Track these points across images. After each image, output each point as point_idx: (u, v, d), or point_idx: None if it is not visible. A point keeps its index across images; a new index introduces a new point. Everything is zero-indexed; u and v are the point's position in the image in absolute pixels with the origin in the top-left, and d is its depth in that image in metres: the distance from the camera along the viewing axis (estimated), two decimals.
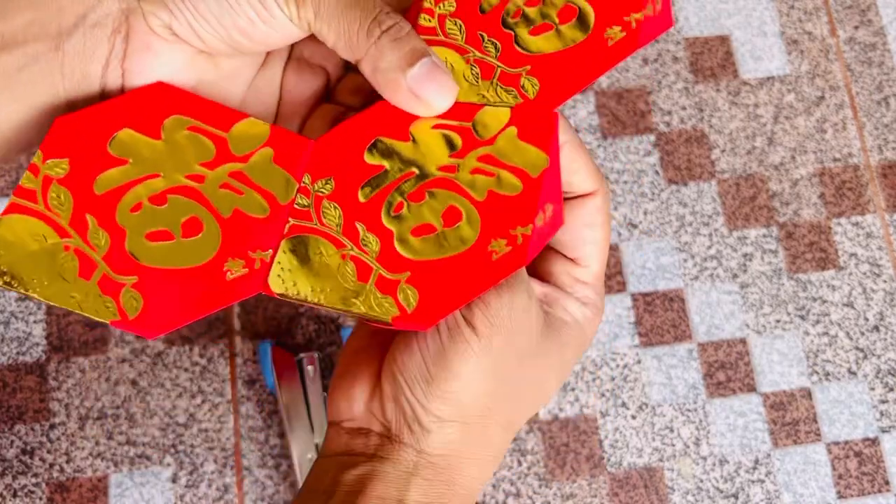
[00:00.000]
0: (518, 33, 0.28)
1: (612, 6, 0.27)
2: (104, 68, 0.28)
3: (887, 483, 0.62)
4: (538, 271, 0.31)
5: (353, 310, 0.25)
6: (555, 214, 0.27)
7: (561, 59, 0.27)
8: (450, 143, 0.27)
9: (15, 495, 0.58)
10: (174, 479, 0.59)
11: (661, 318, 0.64)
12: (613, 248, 0.65)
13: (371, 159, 0.27)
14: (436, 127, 0.27)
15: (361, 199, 0.27)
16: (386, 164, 0.27)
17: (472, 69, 0.28)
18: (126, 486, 0.59)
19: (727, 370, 0.63)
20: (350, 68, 0.33)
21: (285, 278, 0.26)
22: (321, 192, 0.27)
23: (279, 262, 0.26)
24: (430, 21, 0.28)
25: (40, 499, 0.58)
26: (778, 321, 0.64)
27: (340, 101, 0.32)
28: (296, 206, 0.27)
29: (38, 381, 0.60)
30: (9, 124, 0.28)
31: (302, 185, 0.27)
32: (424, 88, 0.27)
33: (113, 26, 0.28)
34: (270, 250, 0.26)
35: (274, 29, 0.27)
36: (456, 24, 0.28)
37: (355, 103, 0.31)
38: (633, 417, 0.62)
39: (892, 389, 0.64)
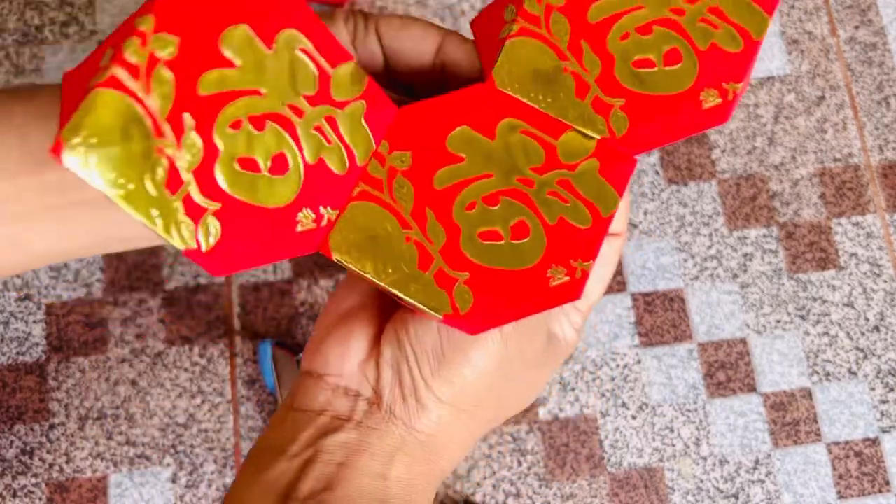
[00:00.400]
0: (620, 59, 0.27)
1: (715, 68, 0.27)
2: None
3: (887, 483, 0.62)
4: None
5: (408, 297, 0.25)
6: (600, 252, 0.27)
7: (654, 105, 0.27)
8: (534, 154, 0.27)
9: (15, 495, 0.58)
10: (174, 480, 0.59)
11: (661, 318, 0.64)
12: None
13: (452, 147, 0.26)
14: (523, 132, 0.27)
15: (436, 185, 0.26)
16: (466, 156, 0.26)
17: (567, 80, 0.27)
18: (126, 486, 0.59)
19: (727, 370, 0.63)
20: None
21: (347, 245, 0.25)
22: (396, 165, 0.26)
23: (344, 226, 0.25)
24: (536, 8, 0.27)
25: (40, 499, 0.58)
26: (778, 321, 0.64)
27: None
28: (369, 170, 0.26)
29: (38, 381, 0.60)
30: (51, 252, 0.27)
31: (378, 151, 0.26)
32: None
33: None
34: (337, 211, 0.25)
35: None
36: (561, 22, 0.27)
37: None
38: (634, 417, 0.62)
39: (892, 389, 0.64)
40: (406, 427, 0.27)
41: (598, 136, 0.26)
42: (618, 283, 0.64)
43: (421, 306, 0.25)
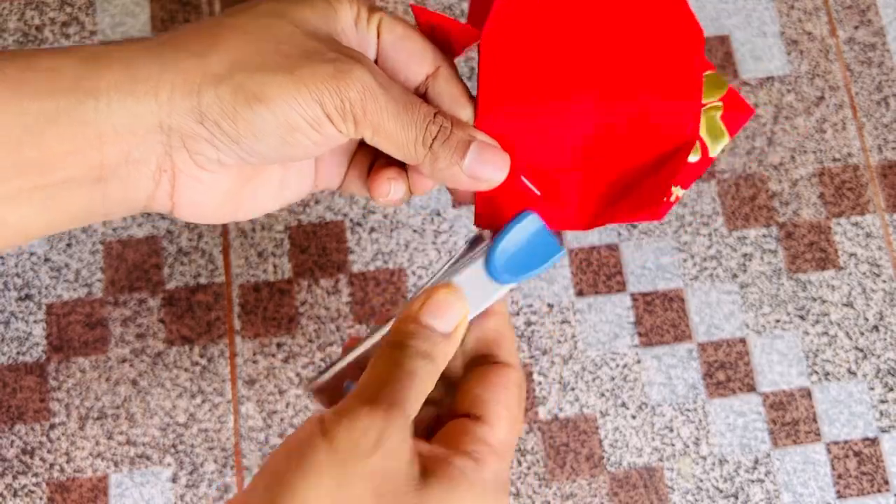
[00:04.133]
0: None
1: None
2: (150, 199, 0.29)
3: (887, 483, 0.62)
4: (443, 437, 0.30)
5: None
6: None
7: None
8: None
9: (15, 495, 0.58)
10: (174, 479, 0.59)
11: (660, 318, 0.64)
12: (613, 248, 0.65)
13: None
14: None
15: None
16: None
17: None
18: (126, 486, 0.59)
19: (727, 370, 0.63)
20: None
21: None
22: None
23: None
24: None
25: (40, 499, 0.58)
26: (778, 321, 0.64)
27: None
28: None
29: (38, 381, 0.60)
30: (34, 230, 0.28)
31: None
32: (480, 171, 0.30)
33: (157, 163, 0.28)
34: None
35: (329, 145, 0.29)
36: None
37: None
38: (633, 417, 0.62)
39: (891, 389, 0.64)
40: None
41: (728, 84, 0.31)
42: (617, 284, 0.64)
43: None
